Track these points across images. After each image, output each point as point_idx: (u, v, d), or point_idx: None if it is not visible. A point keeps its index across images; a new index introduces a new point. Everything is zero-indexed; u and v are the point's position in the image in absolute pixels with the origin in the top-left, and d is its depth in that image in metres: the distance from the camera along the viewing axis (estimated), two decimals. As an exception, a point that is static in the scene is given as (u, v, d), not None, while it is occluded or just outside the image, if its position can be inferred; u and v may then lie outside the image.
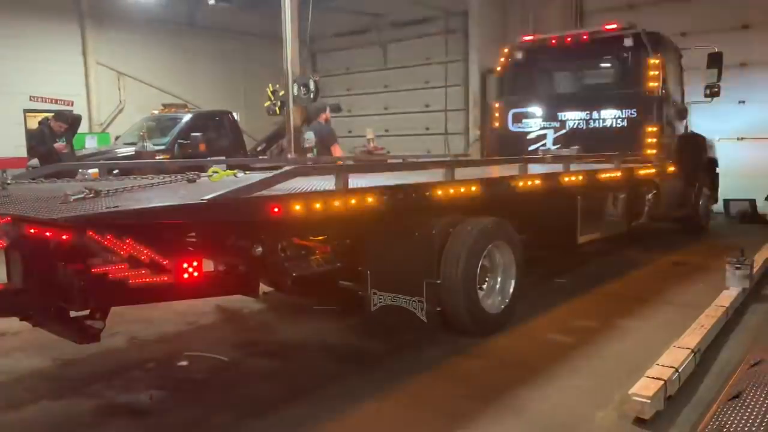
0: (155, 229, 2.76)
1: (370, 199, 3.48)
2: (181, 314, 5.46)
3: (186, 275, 2.73)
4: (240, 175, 4.68)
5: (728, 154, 10.49)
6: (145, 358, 4.51)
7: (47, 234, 3.26)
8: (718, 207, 10.67)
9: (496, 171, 5.82)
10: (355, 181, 3.65)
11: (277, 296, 5.55)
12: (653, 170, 7.27)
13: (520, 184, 4.82)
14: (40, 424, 3.51)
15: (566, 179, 5.35)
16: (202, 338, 5.01)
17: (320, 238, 3.69)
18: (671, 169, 7.82)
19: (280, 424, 3.39)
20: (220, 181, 4.32)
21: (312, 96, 9.00)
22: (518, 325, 5.02)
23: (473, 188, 4.33)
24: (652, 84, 7.84)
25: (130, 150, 10.74)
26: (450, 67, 15.26)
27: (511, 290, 5.01)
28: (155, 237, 2.79)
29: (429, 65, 15.69)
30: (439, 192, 4.03)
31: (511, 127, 9.12)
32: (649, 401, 3.29)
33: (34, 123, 13.63)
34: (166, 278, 2.76)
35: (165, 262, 2.74)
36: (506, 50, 9.16)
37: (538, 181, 4.96)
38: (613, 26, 8.13)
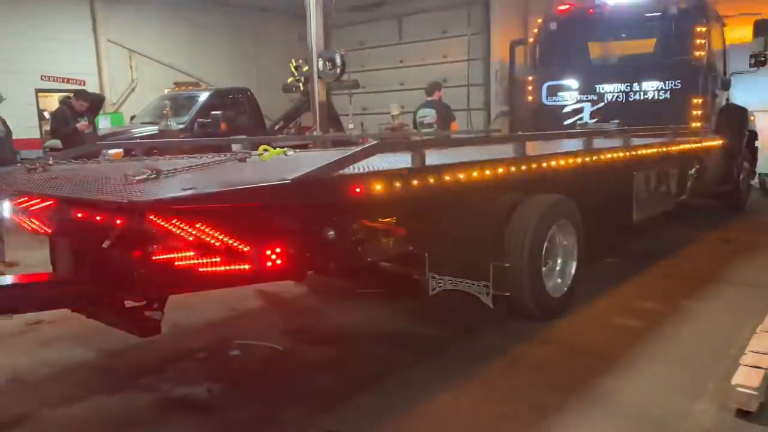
0: (230, 213, 2.49)
1: (447, 177, 3.21)
2: (221, 300, 5.20)
3: (269, 263, 2.48)
4: (290, 153, 4.41)
5: (764, 127, 10.13)
6: (193, 348, 4.28)
7: (99, 219, 3.03)
8: (753, 181, 10.35)
9: (532, 147, 5.52)
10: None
11: (315, 278, 5.31)
12: (704, 144, 6.95)
13: (589, 159, 4.53)
14: (97, 422, 3.29)
15: (633, 153, 5.07)
16: (249, 325, 4.78)
17: (387, 220, 3.42)
18: (719, 142, 7.50)
19: (356, 419, 3.16)
20: (271, 159, 4.04)
21: (338, 71, 8.66)
22: (579, 308, 4.78)
23: (546, 164, 4.05)
24: (698, 53, 7.50)
25: (148, 129, 10.45)
26: (469, 40, 14.81)
27: (573, 272, 4.76)
28: (230, 221, 2.52)
29: (446, 38, 15.23)
30: (513, 169, 3.75)
31: (546, 101, 8.79)
32: (755, 393, 3.05)
33: (46, 103, 13.35)
34: (247, 266, 2.50)
35: (246, 249, 2.47)
36: (540, 21, 8.79)
37: (610, 155, 4.67)
38: (658, -7, 7.76)
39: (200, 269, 2.66)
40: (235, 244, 2.49)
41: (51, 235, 3.59)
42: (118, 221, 2.95)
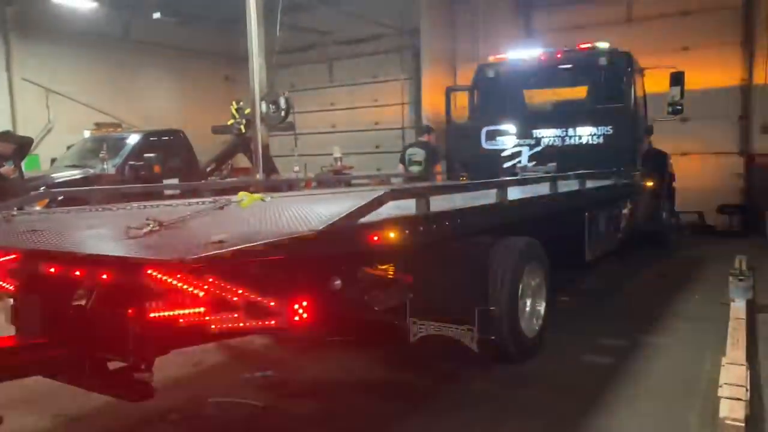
0: (251, 266, 2.36)
1: (447, 223, 3.22)
2: (179, 353, 4.88)
3: (297, 317, 2.35)
4: (268, 199, 4.27)
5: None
6: (164, 408, 3.96)
7: (77, 274, 2.80)
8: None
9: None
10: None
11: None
12: (646, 184, 7.41)
13: (554, 201, 4.71)
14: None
15: (588, 195, 5.32)
16: (219, 381, 4.51)
17: (384, 266, 3.37)
18: (650, 183, 8.02)
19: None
20: (250, 206, 3.90)
21: (283, 114, 8.58)
22: (549, 347, 4.88)
23: (526, 207, 4.17)
24: (627, 101, 8.04)
25: (73, 173, 9.84)
26: (397, 84, 15.19)
27: (542, 312, 4.87)
28: (250, 274, 2.39)
29: (378, 83, 15.55)
30: (500, 212, 3.83)
31: (485, 145, 9.08)
32: (742, 424, 3.21)
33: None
34: (273, 321, 2.36)
35: (272, 304, 2.35)
36: (478, 68, 9.15)
37: (570, 197, 4.88)
38: (587, 45, 8.30)
39: (212, 327, 2.49)
40: (259, 298, 2.35)
41: (15, 293, 3.28)
42: (104, 276, 2.75)
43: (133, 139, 10.56)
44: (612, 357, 4.71)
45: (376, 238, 2.66)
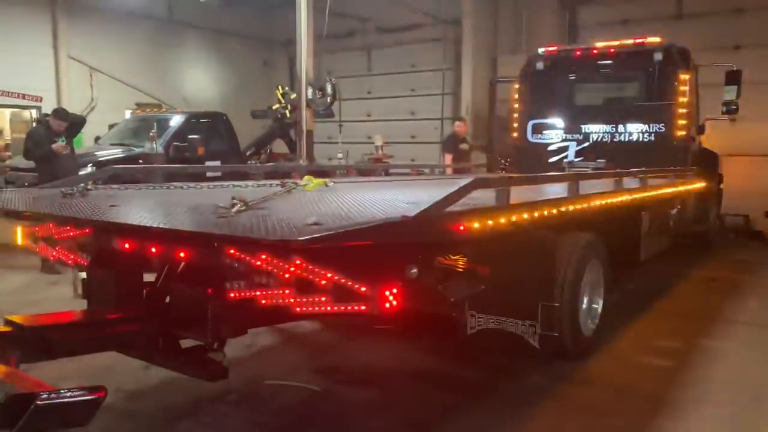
0: (344, 250, 2.32)
1: (525, 215, 3.16)
2: (230, 335, 4.93)
3: (387, 304, 2.31)
4: (330, 184, 4.24)
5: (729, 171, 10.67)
6: (220, 389, 3.96)
7: (154, 250, 2.79)
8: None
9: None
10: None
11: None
12: (693, 186, 7.23)
13: (617, 199, 4.61)
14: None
15: (647, 194, 5.20)
16: (273, 364, 4.51)
17: (456, 257, 3.31)
18: (703, 184, 7.82)
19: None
20: (315, 190, 3.87)
21: (329, 100, 8.55)
22: (605, 347, 4.79)
23: (601, 203, 4.10)
24: (681, 99, 7.83)
25: (117, 151, 9.96)
26: (437, 75, 15.06)
27: (600, 310, 4.78)
28: (343, 258, 2.36)
29: (415, 72, 15.44)
30: (578, 207, 3.77)
31: (531, 138, 8.94)
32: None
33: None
34: (363, 306, 2.32)
35: (363, 289, 2.31)
36: (528, 60, 8.99)
37: (632, 196, 4.80)
38: (642, 40, 8.09)
39: (297, 309, 2.46)
40: (350, 283, 2.32)
41: (88, 266, 3.29)
42: (181, 254, 2.74)
43: (176, 120, 10.63)
44: (670, 360, 4.60)
45: (462, 227, 2.61)
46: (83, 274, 3.34)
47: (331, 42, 16.21)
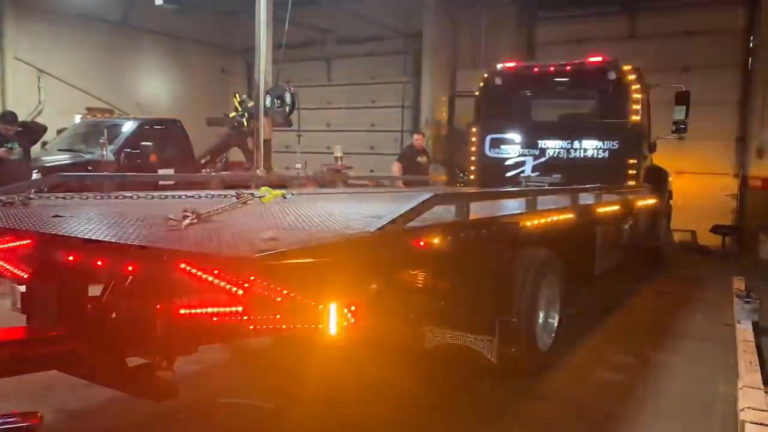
0: (296, 266, 2.24)
1: (484, 231, 3.14)
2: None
3: (345, 322, 2.24)
4: (289, 196, 4.14)
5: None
6: (169, 408, 3.77)
7: (99, 264, 2.65)
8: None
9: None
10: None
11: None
12: (646, 201, 7.41)
13: (573, 215, 4.66)
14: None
15: (609, 209, 5.29)
16: (225, 381, 4.36)
17: (415, 272, 3.27)
18: (654, 200, 8.03)
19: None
20: (272, 202, 3.77)
21: (287, 110, 8.44)
22: (561, 361, 4.81)
23: (558, 218, 4.12)
24: (634, 117, 8.05)
25: (65, 157, 9.59)
26: (397, 87, 15.10)
27: (556, 325, 4.81)
28: (294, 275, 2.27)
29: (375, 84, 15.45)
30: (536, 222, 3.77)
31: (488, 153, 9.04)
32: (774, 451, 3.16)
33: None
34: (319, 325, 2.24)
35: (321, 307, 2.23)
36: (486, 75, 9.10)
37: (589, 211, 4.86)
38: (598, 59, 8.29)
39: (251, 327, 2.36)
40: (306, 300, 2.23)
41: (28, 280, 3.11)
42: (129, 268, 2.61)
43: (128, 126, 10.33)
44: (623, 374, 4.67)
45: (422, 242, 2.57)
46: (22, 288, 3.14)
47: (290, 51, 16.13)
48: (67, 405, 3.72)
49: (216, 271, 2.33)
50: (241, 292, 2.36)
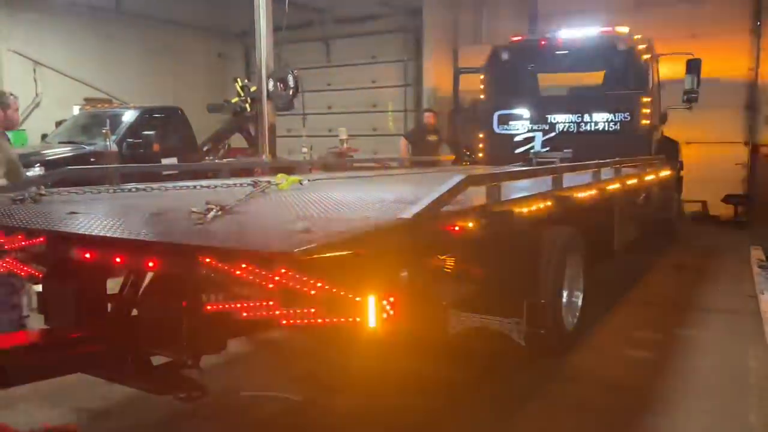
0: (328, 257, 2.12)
1: (517, 212, 3.02)
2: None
3: (385, 314, 2.13)
4: (305, 182, 4.02)
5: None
6: (193, 403, 3.72)
7: (119, 260, 2.53)
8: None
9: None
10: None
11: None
12: (660, 174, 7.27)
13: (597, 191, 4.54)
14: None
15: (628, 183, 5.18)
16: (251, 373, 4.27)
17: (444, 257, 3.16)
18: (669, 173, 7.89)
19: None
20: (289, 189, 3.65)
21: (291, 93, 8.27)
22: (586, 340, 4.73)
23: (583, 195, 4.01)
24: (645, 88, 7.87)
25: (67, 150, 9.43)
26: (398, 66, 14.87)
27: (580, 304, 4.71)
28: (327, 266, 2.15)
29: (375, 64, 15.21)
30: (563, 200, 3.65)
31: (497, 129, 8.87)
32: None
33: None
34: (359, 319, 2.13)
35: (357, 299, 2.11)
36: (493, 50, 8.90)
37: (610, 187, 4.77)
38: (608, 29, 8.10)
39: (283, 322, 2.25)
40: (342, 293, 2.12)
41: (43, 279, 3.00)
42: (150, 264, 2.49)
43: (130, 115, 10.14)
44: (652, 351, 4.58)
45: (457, 228, 2.45)
46: (38, 287, 3.04)
47: (288, 33, 15.89)
48: (89, 404, 3.63)
49: (244, 265, 2.22)
50: (271, 285, 2.25)
